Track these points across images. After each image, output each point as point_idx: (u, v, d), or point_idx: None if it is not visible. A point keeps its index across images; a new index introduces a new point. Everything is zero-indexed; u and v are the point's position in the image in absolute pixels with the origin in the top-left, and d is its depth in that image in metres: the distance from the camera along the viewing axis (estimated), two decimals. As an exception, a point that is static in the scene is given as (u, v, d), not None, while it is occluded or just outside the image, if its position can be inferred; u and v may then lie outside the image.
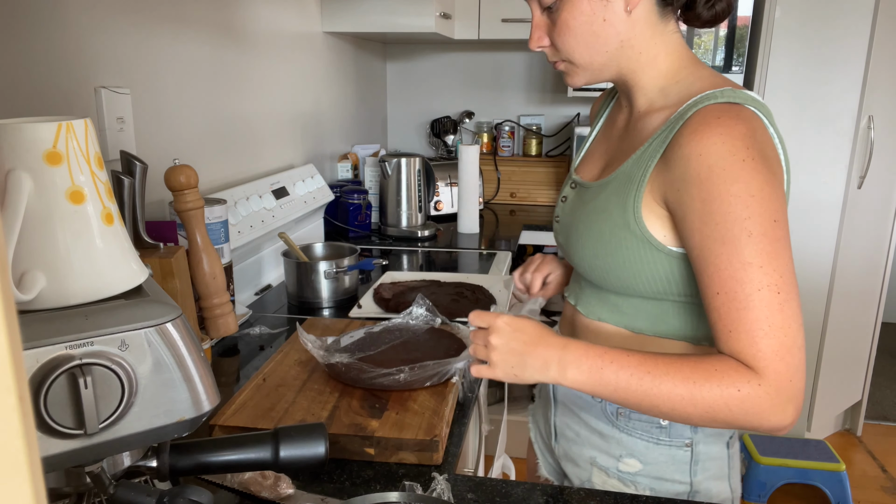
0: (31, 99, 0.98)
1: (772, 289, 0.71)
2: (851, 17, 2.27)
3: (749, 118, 0.76)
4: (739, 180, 0.72)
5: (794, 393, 0.71)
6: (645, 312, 0.87)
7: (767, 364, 0.71)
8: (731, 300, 0.72)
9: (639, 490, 0.92)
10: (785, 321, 0.71)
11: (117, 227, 0.59)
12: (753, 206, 0.72)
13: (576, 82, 0.90)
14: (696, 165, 0.74)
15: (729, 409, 0.72)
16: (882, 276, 2.75)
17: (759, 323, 0.71)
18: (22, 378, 0.22)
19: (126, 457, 0.61)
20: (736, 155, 0.72)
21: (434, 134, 2.88)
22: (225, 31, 1.53)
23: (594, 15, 0.82)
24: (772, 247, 0.72)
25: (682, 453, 0.89)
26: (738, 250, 0.72)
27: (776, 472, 2.39)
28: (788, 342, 0.71)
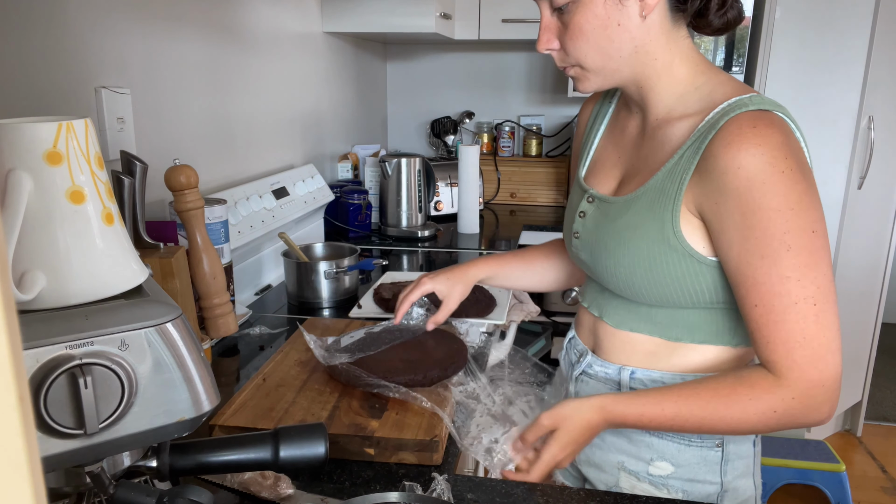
0: (31, 99, 0.98)
1: (808, 301, 0.74)
2: (851, 18, 2.27)
3: (781, 125, 0.75)
4: (779, 193, 0.73)
5: (827, 396, 0.75)
6: (682, 321, 0.87)
7: (801, 374, 0.74)
8: (769, 312, 0.75)
9: (671, 493, 0.91)
10: (820, 330, 0.74)
11: (117, 227, 0.59)
12: (792, 219, 0.73)
13: (587, 88, 0.88)
14: (735, 178, 0.74)
15: (769, 423, 0.77)
16: (882, 277, 2.75)
17: (794, 335, 0.74)
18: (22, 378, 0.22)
19: (126, 457, 0.61)
20: (775, 166, 0.72)
21: (434, 134, 2.88)
22: (225, 31, 1.53)
23: (609, 19, 0.80)
24: (810, 258, 0.73)
25: (713, 454, 0.89)
26: (777, 264, 0.73)
27: (776, 473, 2.39)
28: (822, 350, 0.74)
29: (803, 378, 0.74)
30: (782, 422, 0.77)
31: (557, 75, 2.88)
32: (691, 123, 0.82)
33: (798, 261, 0.73)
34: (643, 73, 0.85)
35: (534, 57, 2.88)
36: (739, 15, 0.84)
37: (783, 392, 0.75)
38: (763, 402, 0.76)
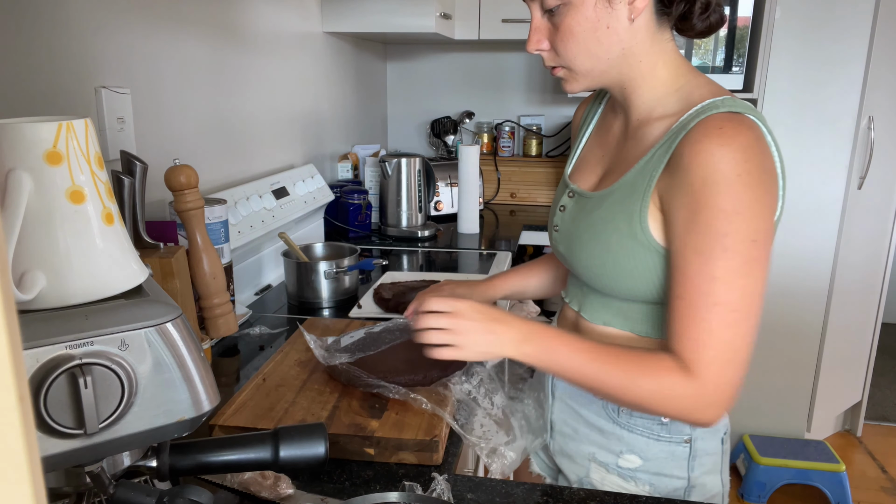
0: (31, 99, 0.98)
1: (729, 306, 0.75)
2: (851, 18, 2.27)
3: (750, 128, 0.76)
4: (729, 195, 0.73)
5: (720, 400, 0.77)
6: (651, 317, 0.88)
7: (703, 372, 0.76)
8: (689, 307, 0.77)
9: (638, 485, 0.93)
10: (732, 338, 0.76)
11: (117, 226, 0.59)
12: (736, 223, 0.74)
13: (573, 89, 0.90)
14: (692, 175, 0.75)
15: (657, 403, 0.79)
16: (882, 277, 2.75)
17: (707, 335, 0.76)
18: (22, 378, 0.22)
19: (126, 457, 0.61)
20: (733, 169, 0.73)
21: (434, 134, 2.88)
22: (225, 31, 1.53)
23: (598, 21, 0.82)
24: (743, 266, 0.74)
25: (681, 449, 0.91)
26: (709, 263, 0.75)
27: (776, 473, 2.39)
28: (729, 357, 0.76)
29: (704, 376, 0.76)
30: (669, 406, 0.79)
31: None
32: (668, 123, 0.84)
33: (730, 265, 0.74)
34: (628, 75, 0.87)
35: (534, 57, 2.88)
36: (721, 18, 0.86)
37: (686, 378, 0.77)
38: (666, 377, 0.78)
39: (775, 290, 2.49)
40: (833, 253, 2.46)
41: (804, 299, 2.50)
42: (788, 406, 2.60)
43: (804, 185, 2.42)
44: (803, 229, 2.45)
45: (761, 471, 2.40)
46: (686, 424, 0.90)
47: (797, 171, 2.42)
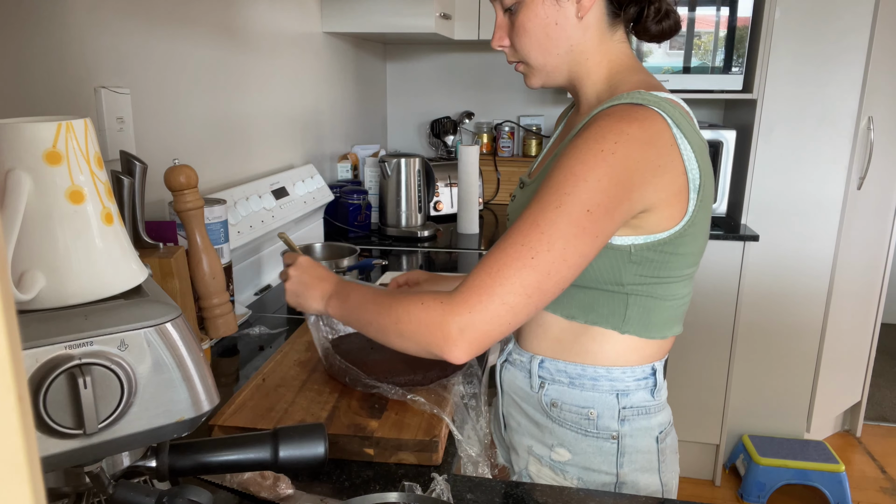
0: (30, 99, 0.98)
1: (530, 250, 0.75)
2: (851, 19, 2.27)
3: (644, 118, 0.78)
4: (585, 163, 0.76)
5: (467, 324, 0.75)
6: (577, 300, 0.90)
7: (465, 291, 0.76)
8: (502, 241, 0.78)
9: (567, 479, 0.95)
10: (513, 276, 0.74)
11: (117, 226, 0.59)
12: (580, 188, 0.75)
13: (532, 83, 0.95)
14: (570, 145, 0.80)
15: (409, 318, 0.79)
16: (881, 277, 2.75)
17: (495, 263, 0.76)
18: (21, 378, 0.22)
19: (125, 457, 0.61)
20: (598, 144, 0.76)
21: (434, 134, 2.88)
22: (225, 31, 1.53)
23: (547, 18, 0.87)
24: (566, 227, 0.75)
25: (608, 445, 0.93)
26: (539, 212, 0.76)
27: (775, 473, 2.39)
28: (499, 290, 0.75)
29: (461, 295, 0.76)
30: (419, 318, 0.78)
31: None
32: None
33: (554, 219, 0.75)
34: (576, 72, 0.92)
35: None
36: (676, 25, 0.91)
37: (441, 297, 0.77)
38: (423, 296, 0.79)
39: (775, 290, 2.49)
40: (833, 253, 2.46)
41: (803, 299, 2.50)
42: (788, 406, 2.60)
43: (804, 186, 2.42)
44: (803, 230, 2.45)
45: (761, 471, 2.40)
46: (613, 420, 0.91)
47: (797, 172, 2.42)
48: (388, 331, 0.83)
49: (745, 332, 2.50)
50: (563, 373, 0.93)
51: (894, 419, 3.04)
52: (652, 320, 0.89)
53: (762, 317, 2.51)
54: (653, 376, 0.92)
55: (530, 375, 0.97)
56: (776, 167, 2.41)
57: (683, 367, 2.45)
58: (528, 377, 0.98)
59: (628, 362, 0.91)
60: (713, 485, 2.59)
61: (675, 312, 0.91)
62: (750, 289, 2.45)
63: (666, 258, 0.84)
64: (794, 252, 2.47)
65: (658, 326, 0.90)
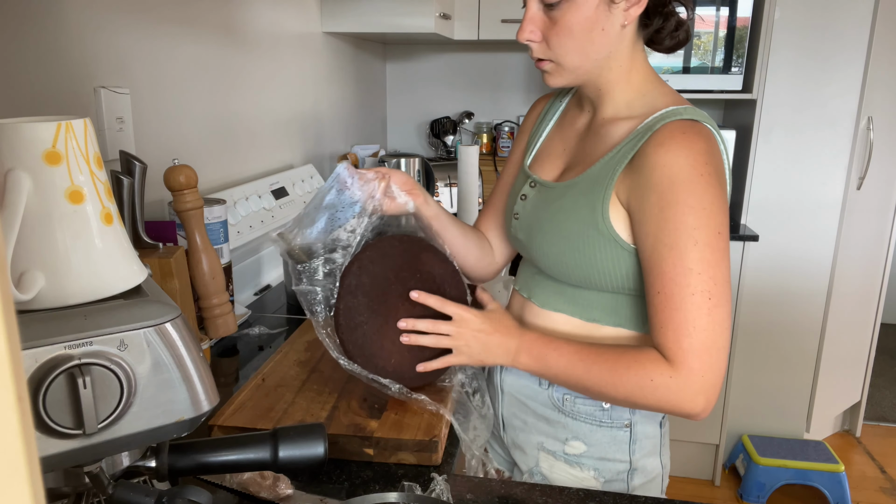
0: (30, 98, 0.98)
1: (704, 294, 0.79)
2: (851, 19, 2.27)
3: (707, 136, 0.84)
4: (695, 193, 0.80)
5: (705, 386, 0.80)
6: (600, 304, 0.93)
7: (684, 360, 0.80)
8: (668, 300, 0.81)
9: (583, 471, 0.97)
10: (710, 324, 0.80)
11: (116, 227, 0.59)
12: (703, 217, 0.80)
13: (556, 83, 0.94)
14: (660, 175, 0.81)
15: (644, 395, 0.83)
16: (881, 277, 2.75)
17: (686, 323, 0.80)
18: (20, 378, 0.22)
19: (125, 457, 0.61)
20: (696, 169, 0.80)
21: (433, 134, 2.88)
22: (225, 31, 1.53)
23: (596, 23, 0.86)
24: (712, 256, 0.80)
25: (622, 433, 0.96)
26: (683, 256, 0.80)
27: (775, 473, 2.39)
28: (709, 343, 0.80)
29: (686, 364, 0.80)
30: (656, 397, 0.82)
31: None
32: (632, 124, 0.90)
33: (702, 256, 0.79)
34: (607, 77, 0.92)
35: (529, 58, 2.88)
36: (687, 37, 0.93)
37: (665, 368, 0.81)
38: (645, 369, 0.81)
39: (775, 290, 2.49)
40: (832, 253, 2.46)
41: (803, 300, 2.50)
42: (787, 406, 2.60)
43: (803, 186, 2.42)
44: (802, 230, 2.45)
45: (760, 471, 2.40)
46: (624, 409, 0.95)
47: (796, 172, 2.42)
48: (615, 400, 0.86)
49: (744, 332, 2.50)
50: None
51: (894, 419, 3.04)
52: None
53: (762, 317, 2.51)
54: None
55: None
56: (776, 167, 2.42)
57: (683, 367, 2.45)
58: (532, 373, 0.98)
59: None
60: (713, 485, 2.59)
61: None
62: (749, 289, 2.45)
63: None
64: (794, 252, 2.47)
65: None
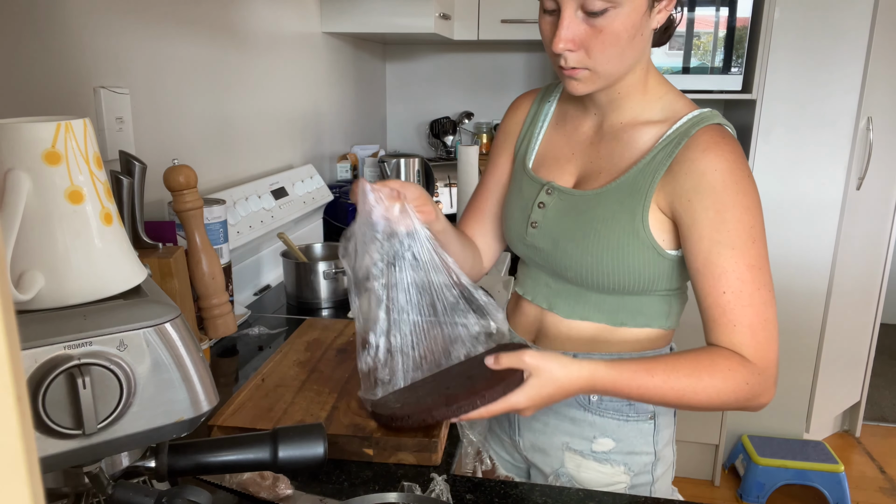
0: (29, 98, 0.98)
1: (767, 287, 0.83)
2: (850, 19, 2.27)
3: (735, 139, 0.88)
4: (748, 193, 0.83)
5: (775, 376, 0.85)
6: (627, 307, 0.94)
7: (763, 354, 0.83)
8: (738, 298, 0.82)
9: (613, 467, 0.98)
10: (773, 315, 0.84)
11: (116, 227, 0.59)
12: (756, 215, 0.83)
13: (585, 90, 0.88)
14: (712, 179, 0.83)
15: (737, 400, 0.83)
16: (881, 277, 2.75)
17: (758, 318, 0.82)
18: (20, 378, 0.22)
19: (124, 457, 0.61)
20: (743, 171, 0.83)
21: (433, 134, 2.88)
22: (224, 32, 1.53)
23: (638, 28, 0.84)
24: (764, 251, 0.84)
25: (646, 426, 0.97)
26: (746, 254, 0.82)
27: (775, 473, 2.39)
28: (775, 333, 0.84)
29: (764, 357, 0.83)
30: (748, 396, 0.83)
31: (555, 76, 2.88)
32: (659, 130, 0.89)
33: (759, 252, 0.83)
34: (629, 81, 0.90)
35: (533, 57, 2.88)
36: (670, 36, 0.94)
37: (752, 368, 0.82)
38: (740, 374, 0.82)
39: (774, 289, 2.49)
40: (832, 253, 2.46)
41: (803, 300, 2.50)
42: (787, 406, 2.60)
43: (803, 186, 2.42)
44: (802, 230, 2.45)
45: (760, 471, 2.40)
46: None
47: (796, 172, 2.42)
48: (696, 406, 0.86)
49: (744, 333, 2.50)
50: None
51: (893, 419, 3.04)
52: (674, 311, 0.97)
53: (761, 317, 2.50)
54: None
55: None
56: (775, 167, 2.42)
57: (683, 368, 2.45)
58: None
59: (656, 346, 0.97)
60: (712, 485, 2.59)
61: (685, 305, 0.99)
62: (749, 289, 2.44)
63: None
64: (794, 252, 2.47)
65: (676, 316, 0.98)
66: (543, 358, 0.81)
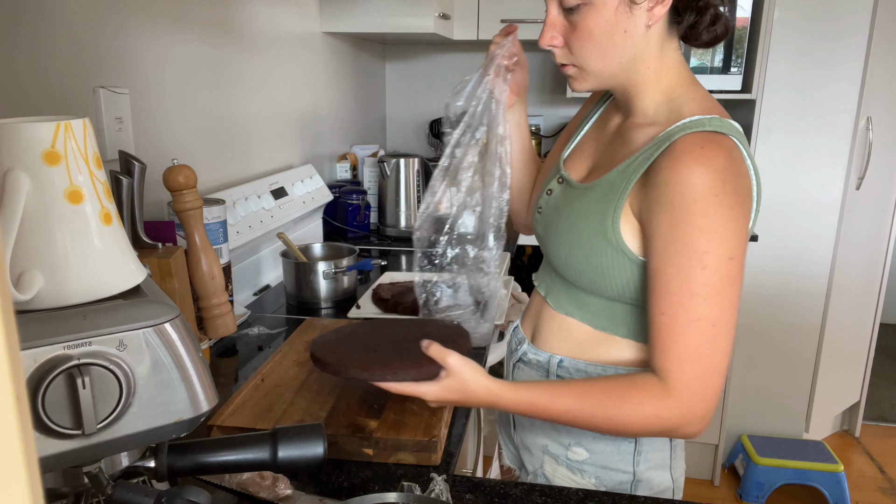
0: (29, 98, 0.98)
1: (709, 321, 0.77)
2: (850, 19, 2.27)
3: (731, 149, 0.79)
4: (708, 215, 0.76)
5: (704, 412, 0.79)
6: (607, 312, 0.91)
7: (687, 387, 0.78)
8: (672, 323, 0.78)
9: (585, 478, 0.95)
10: (712, 350, 0.78)
11: (116, 227, 0.59)
12: (714, 241, 0.76)
13: (581, 87, 0.90)
14: (672, 192, 0.77)
15: (649, 430, 0.82)
16: (880, 277, 2.75)
17: (689, 349, 0.78)
18: (19, 378, 0.22)
19: (124, 457, 0.61)
20: (712, 189, 0.76)
21: (433, 134, 2.88)
22: (224, 31, 1.53)
23: (617, 25, 0.83)
24: (721, 282, 0.77)
25: (626, 444, 0.93)
26: (690, 280, 0.77)
27: (774, 473, 2.39)
28: (710, 369, 0.78)
29: (688, 391, 0.78)
30: (662, 428, 0.81)
31: (556, 76, 2.88)
32: (655, 131, 0.86)
33: (710, 281, 0.76)
34: (634, 80, 0.88)
35: (532, 57, 2.88)
36: (727, 30, 0.88)
37: (669, 401, 0.79)
38: (650, 407, 0.79)
39: (774, 290, 2.49)
40: (831, 253, 2.46)
41: (802, 300, 2.50)
42: (787, 406, 2.61)
43: (803, 186, 2.42)
44: (802, 230, 2.45)
45: (760, 471, 2.40)
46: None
47: (796, 172, 2.42)
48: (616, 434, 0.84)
49: (744, 332, 2.50)
50: (583, 372, 0.93)
51: (893, 419, 3.04)
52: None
53: (761, 317, 2.51)
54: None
55: (548, 374, 0.96)
56: (775, 167, 2.42)
57: (682, 368, 2.45)
58: (544, 376, 0.97)
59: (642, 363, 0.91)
60: (712, 485, 2.59)
61: None
62: (749, 289, 2.45)
63: None
64: (793, 252, 2.47)
65: None
66: (463, 365, 0.84)
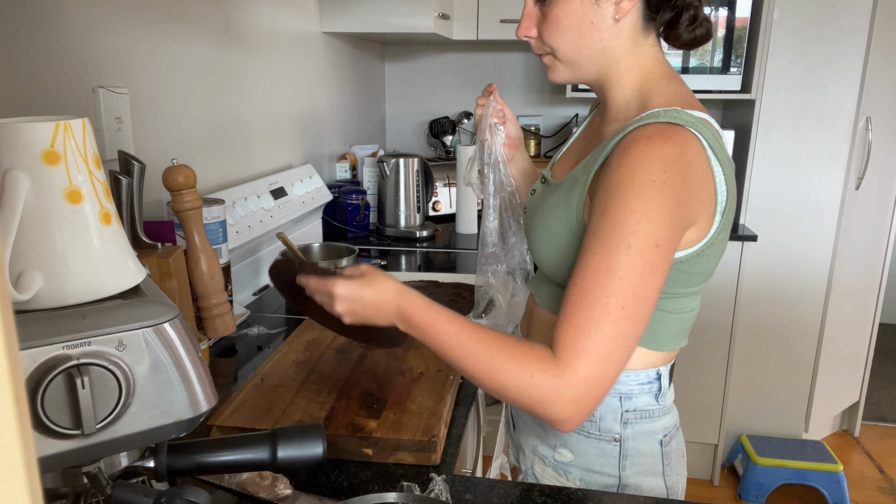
0: (28, 98, 0.98)
1: (618, 301, 0.74)
2: (849, 19, 2.27)
3: (683, 141, 0.77)
4: (641, 198, 0.74)
5: (584, 394, 0.74)
6: None
7: (572, 360, 0.74)
8: (581, 295, 0.75)
9: (570, 480, 0.95)
10: (613, 333, 0.74)
11: (115, 226, 0.59)
12: (644, 224, 0.74)
13: (556, 78, 0.92)
14: (613, 175, 0.77)
15: (518, 391, 0.75)
16: (880, 277, 2.75)
17: (589, 324, 0.74)
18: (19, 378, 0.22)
19: (123, 457, 0.61)
20: (650, 175, 0.75)
21: (432, 134, 2.88)
22: (224, 31, 1.53)
23: (584, 16, 0.84)
24: (642, 267, 0.74)
25: (610, 447, 0.92)
26: (611, 256, 0.74)
27: (774, 473, 2.39)
28: (605, 352, 0.74)
29: (571, 367, 0.74)
30: (531, 396, 0.75)
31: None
32: (620, 125, 0.86)
33: (630, 263, 0.74)
34: (606, 74, 0.89)
35: (532, 57, 2.88)
36: (708, 33, 0.88)
37: (549, 370, 0.74)
38: (527, 370, 0.75)
39: (773, 290, 2.49)
40: (831, 253, 2.46)
41: (802, 300, 2.50)
42: (786, 406, 2.61)
43: (802, 186, 2.43)
44: (801, 230, 2.45)
45: (759, 471, 2.40)
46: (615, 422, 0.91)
47: (795, 172, 2.42)
48: (488, 389, 0.79)
49: (743, 333, 2.50)
50: None
51: (892, 419, 3.04)
52: (660, 332, 0.88)
53: (760, 317, 2.51)
54: (657, 381, 0.91)
55: None
56: (774, 167, 2.42)
57: (682, 367, 2.45)
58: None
59: (633, 367, 0.90)
60: (711, 485, 2.59)
61: (683, 325, 0.91)
62: (748, 289, 2.45)
63: (679, 275, 0.84)
64: (793, 252, 2.47)
65: (666, 339, 0.89)
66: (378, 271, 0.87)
